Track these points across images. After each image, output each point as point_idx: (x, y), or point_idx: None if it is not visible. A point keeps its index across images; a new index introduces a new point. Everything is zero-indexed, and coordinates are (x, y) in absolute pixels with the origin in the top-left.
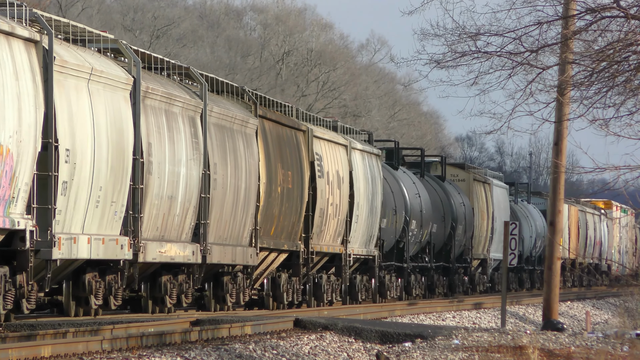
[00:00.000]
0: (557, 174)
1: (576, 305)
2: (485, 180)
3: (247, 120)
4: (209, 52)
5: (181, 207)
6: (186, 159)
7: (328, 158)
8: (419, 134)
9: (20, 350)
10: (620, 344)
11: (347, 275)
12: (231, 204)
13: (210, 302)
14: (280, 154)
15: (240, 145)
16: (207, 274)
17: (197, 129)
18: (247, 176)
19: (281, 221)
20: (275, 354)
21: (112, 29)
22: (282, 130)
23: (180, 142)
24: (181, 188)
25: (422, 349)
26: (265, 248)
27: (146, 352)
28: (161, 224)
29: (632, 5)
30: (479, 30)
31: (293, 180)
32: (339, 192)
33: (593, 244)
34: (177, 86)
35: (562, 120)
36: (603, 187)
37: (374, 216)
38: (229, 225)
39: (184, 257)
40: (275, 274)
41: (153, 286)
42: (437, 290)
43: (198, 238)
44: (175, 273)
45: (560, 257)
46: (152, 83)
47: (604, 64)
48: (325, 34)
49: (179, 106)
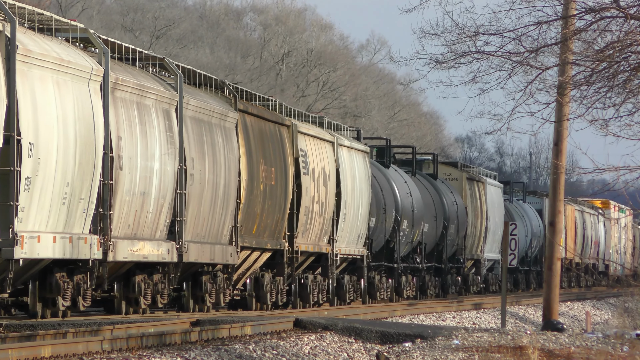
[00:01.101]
0: (557, 174)
1: (576, 306)
2: (479, 179)
3: (227, 113)
4: (209, 52)
5: (155, 204)
6: (160, 154)
7: (313, 154)
8: (419, 135)
9: (20, 350)
10: (620, 344)
11: (334, 276)
12: (209, 201)
13: (188, 303)
14: (263, 150)
15: (219, 140)
16: (185, 274)
17: (172, 122)
18: (227, 172)
19: (264, 219)
20: (276, 354)
21: (112, 29)
22: (265, 125)
23: (154, 135)
24: (155, 184)
25: (422, 349)
26: (246, 247)
27: (146, 352)
28: (133, 221)
29: (631, 5)
30: (478, 30)
31: (276, 177)
32: (325, 189)
33: (590, 243)
34: (151, 78)
35: (561, 120)
36: (603, 187)
37: (362, 215)
38: (208, 222)
39: (158, 255)
40: (258, 274)
41: (126, 286)
42: (429, 292)
43: (174, 236)
44: (151, 272)
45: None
46: (122, 74)
47: (603, 64)
48: (325, 34)
49: (152, 98)
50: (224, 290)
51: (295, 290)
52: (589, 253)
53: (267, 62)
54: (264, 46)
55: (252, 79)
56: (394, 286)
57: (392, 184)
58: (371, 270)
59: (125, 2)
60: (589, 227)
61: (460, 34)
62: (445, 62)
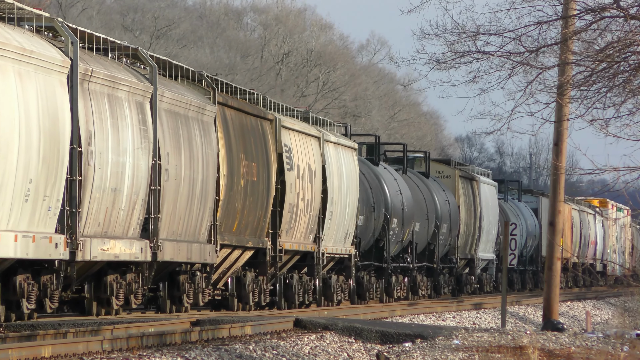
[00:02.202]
0: (556, 175)
1: (576, 306)
2: (472, 177)
3: (204, 106)
4: (209, 52)
5: (127, 201)
6: (133, 148)
7: (298, 150)
8: (419, 135)
9: (21, 350)
10: (620, 344)
11: (320, 275)
12: (186, 197)
13: (165, 303)
14: (244, 145)
15: (197, 134)
16: (161, 273)
17: (146, 115)
18: (205, 167)
19: (245, 216)
20: (276, 354)
21: (112, 29)
22: (246, 119)
23: (126, 129)
24: (127, 179)
25: (422, 349)
26: (227, 245)
27: (146, 352)
28: (104, 219)
29: (631, 6)
30: (478, 30)
31: (258, 172)
32: (311, 186)
33: (588, 243)
34: (124, 69)
35: (561, 121)
36: (603, 188)
37: (350, 213)
38: (184, 219)
39: (131, 254)
40: (240, 273)
41: (98, 286)
42: (421, 292)
43: (148, 234)
44: (124, 272)
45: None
46: (92, 65)
47: (603, 64)
48: (325, 34)
49: (125, 90)
50: (202, 290)
51: (280, 290)
52: (586, 253)
53: (267, 62)
54: (264, 46)
55: (252, 79)
56: (384, 286)
57: (382, 181)
58: (360, 270)
59: (125, 2)
60: (586, 226)
61: (461, 34)
62: (445, 62)
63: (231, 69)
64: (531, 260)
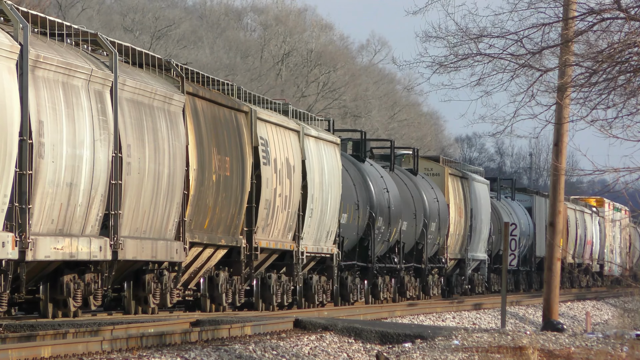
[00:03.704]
0: (556, 175)
1: (576, 306)
2: (463, 174)
3: (172, 96)
4: (209, 53)
5: (85, 196)
6: (91, 140)
7: (276, 144)
8: (419, 135)
9: (20, 350)
10: (620, 345)
11: (299, 275)
12: (151, 192)
13: (129, 304)
14: (216, 137)
15: (163, 125)
16: (125, 272)
17: (106, 105)
18: (171, 160)
19: (217, 213)
20: (275, 354)
21: (112, 29)
22: (219, 110)
23: (83, 120)
24: (84, 174)
25: (422, 349)
26: (197, 243)
27: (146, 352)
28: (58, 216)
29: (632, 7)
30: (481, 33)
31: (232, 167)
32: (289, 182)
33: (584, 243)
34: (82, 56)
35: (562, 123)
36: (603, 188)
37: (332, 210)
38: (149, 216)
39: (89, 253)
40: (213, 273)
41: (54, 287)
42: (409, 294)
43: (108, 231)
44: (82, 271)
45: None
46: (45, 51)
47: (604, 65)
48: (325, 34)
49: (82, 78)
50: (170, 290)
51: (257, 291)
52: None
53: (267, 63)
54: (264, 46)
55: (252, 79)
56: (369, 288)
57: (367, 178)
58: (343, 270)
59: (125, 2)
60: (582, 225)
61: (463, 36)
62: (448, 64)
63: (231, 69)
64: (525, 260)
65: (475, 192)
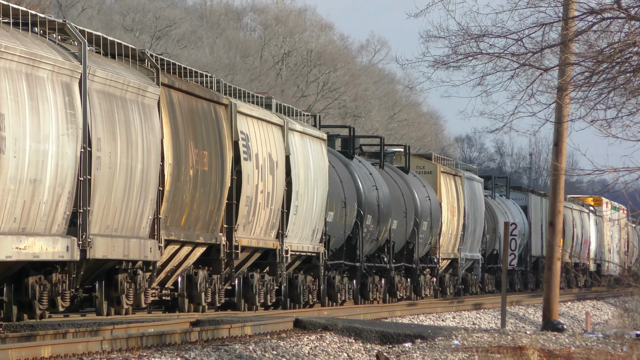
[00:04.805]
0: (556, 175)
1: (576, 306)
2: (456, 172)
3: (146, 88)
4: (209, 52)
5: (50, 193)
6: (57, 134)
7: (258, 138)
8: (419, 135)
9: (20, 350)
10: (620, 345)
11: (283, 274)
12: (123, 188)
13: (101, 305)
14: (194, 131)
15: (136, 118)
16: (97, 271)
17: (74, 97)
18: (145, 155)
19: (195, 209)
20: (275, 354)
21: (112, 29)
22: (197, 103)
23: (49, 113)
24: (50, 169)
25: (422, 349)
26: (174, 240)
27: (146, 352)
28: (21, 214)
29: (632, 6)
30: (482, 32)
31: (210, 161)
32: (272, 178)
33: (581, 242)
34: (48, 46)
35: (562, 122)
36: (603, 188)
37: (318, 208)
38: (121, 213)
39: (55, 253)
40: (191, 271)
41: (18, 289)
42: (399, 294)
43: (77, 229)
44: (49, 272)
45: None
46: (7, 40)
47: (604, 65)
48: (325, 34)
49: (48, 69)
50: (145, 290)
51: (239, 290)
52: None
53: (267, 62)
54: (264, 46)
55: (252, 79)
56: (358, 288)
57: (355, 175)
58: (330, 269)
59: (125, 2)
60: (579, 225)
61: (464, 35)
62: (449, 63)
63: (231, 69)
64: (520, 259)
65: (468, 190)
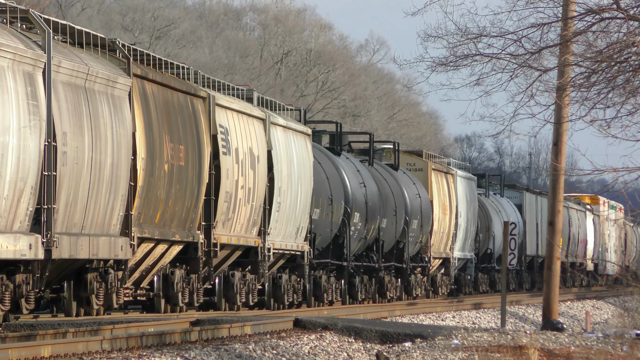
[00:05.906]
0: (556, 175)
1: (576, 305)
2: (447, 170)
3: (116, 79)
4: (208, 52)
5: (11, 188)
6: (18, 127)
7: (238, 132)
8: (418, 135)
9: (20, 350)
10: (620, 344)
11: (265, 273)
12: (91, 184)
13: (70, 306)
14: (169, 124)
15: (105, 110)
16: (66, 271)
17: (37, 88)
18: (115, 149)
19: (170, 206)
20: (275, 353)
21: (111, 29)
22: (172, 95)
23: (9, 104)
24: (10, 164)
25: (422, 348)
26: (148, 238)
27: (146, 352)
28: None
29: (631, 7)
30: (480, 33)
31: (187, 156)
32: (254, 173)
33: (577, 241)
34: (9, 34)
35: (561, 122)
36: (602, 188)
37: (303, 205)
38: (89, 210)
39: (16, 252)
40: (168, 270)
41: None
42: (389, 294)
43: (41, 227)
44: (12, 272)
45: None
46: None
47: (603, 65)
48: (325, 34)
49: (8, 58)
50: (117, 290)
51: (219, 290)
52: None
53: (267, 62)
54: (264, 46)
55: (252, 79)
56: (345, 288)
57: (342, 172)
58: (316, 269)
59: (125, 2)
60: (575, 224)
61: (463, 36)
62: (447, 64)
63: (230, 68)
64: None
65: (461, 188)
